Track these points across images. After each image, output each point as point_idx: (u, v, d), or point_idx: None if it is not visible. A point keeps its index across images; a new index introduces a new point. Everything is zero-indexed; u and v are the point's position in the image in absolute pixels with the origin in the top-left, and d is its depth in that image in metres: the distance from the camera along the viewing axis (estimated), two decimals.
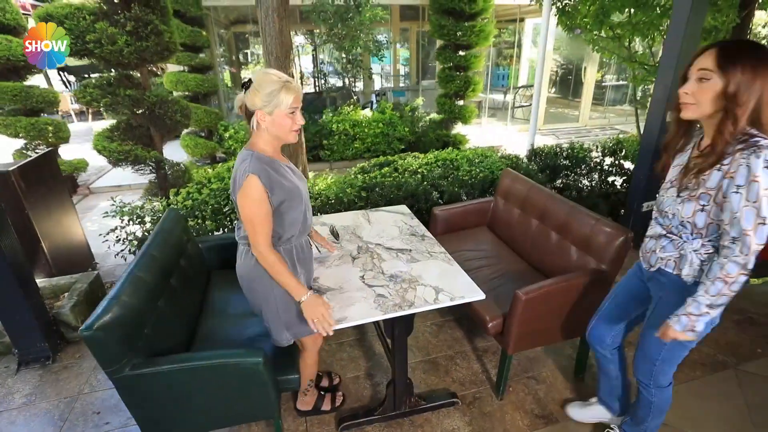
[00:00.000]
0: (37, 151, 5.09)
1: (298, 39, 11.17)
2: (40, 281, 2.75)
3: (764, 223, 1.08)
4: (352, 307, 1.58)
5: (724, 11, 3.44)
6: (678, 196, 1.27)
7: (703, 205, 1.21)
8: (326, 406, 1.97)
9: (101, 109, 3.24)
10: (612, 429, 1.82)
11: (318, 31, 7.86)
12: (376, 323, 2.26)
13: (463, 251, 2.42)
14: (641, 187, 3.32)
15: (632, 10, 3.73)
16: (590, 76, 9.17)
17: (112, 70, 3.26)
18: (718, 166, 1.15)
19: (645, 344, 1.50)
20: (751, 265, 1.13)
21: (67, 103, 10.59)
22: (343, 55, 6.67)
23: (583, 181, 4.01)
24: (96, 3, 3.06)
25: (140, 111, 3.16)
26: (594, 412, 1.89)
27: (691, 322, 1.23)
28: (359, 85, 10.01)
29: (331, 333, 1.41)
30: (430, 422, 1.93)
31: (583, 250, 2.00)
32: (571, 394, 2.06)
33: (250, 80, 1.37)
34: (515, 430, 1.88)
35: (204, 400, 1.50)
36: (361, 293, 1.66)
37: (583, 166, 4.00)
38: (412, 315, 1.86)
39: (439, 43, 6.97)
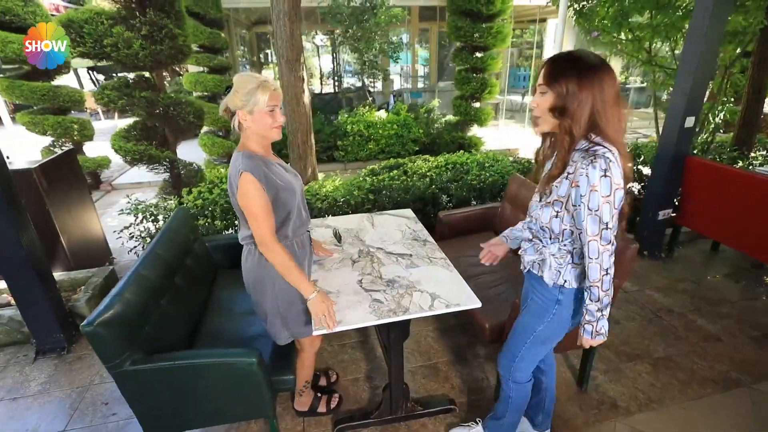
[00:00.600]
0: (63, 148, 5.30)
1: (318, 39, 11.28)
2: (59, 275, 2.86)
3: (607, 228, 1.14)
4: (347, 311, 1.59)
5: (752, 13, 3.30)
6: (539, 201, 1.33)
7: (557, 212, 1.26)
8: (322, 408, 1.99)
9: (119, 110, 3.36)
10: (476, 423, 1.83)
11: (337, 32, 7.94)
12: (376, 326, 2.27)
13: (467, 257, 2.40)
14: (657, 194, 3.23)
15: (653, 12, 3.63)
16: None
17: (129, 72, 3.38)
18: (566, 174, 1.20)
19: (509, 339, 1.56)
20: (606, 265, 1.19)
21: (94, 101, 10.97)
22: (359, 57, 6.69)
23: None
24: (114, 8, 3.17)
25: (155, 112, 3.25)
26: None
27: (594, 328, 1.29)
28: (378, 86, 10.04)
29: (333, 329, 1.45)
30: (426, 428, 1.92)
31: None
32: (572, 407, 2.02)
33: (231, 84, 1.44)
34: None
35: (200, 398, 1.54)
36: (357, 297, 1.67)
37: None
38: (408, 321, 1.87)
39: (457, 44, 6.92)
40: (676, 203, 3.36)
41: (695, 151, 3.94)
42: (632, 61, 4.40)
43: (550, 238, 1.32)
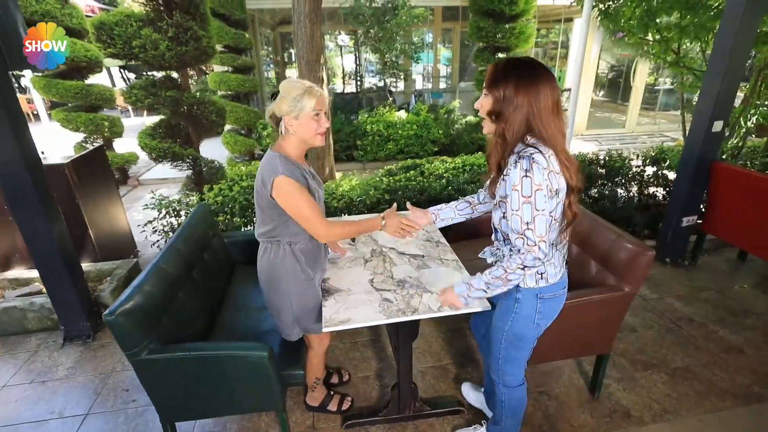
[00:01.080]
0: (95, 144, 5.53)
1: (340, 39, 11.36)
2: (86, 265, 3.00)
3: (529, 229, 1.17)
4: (357, 310, 1.62)
5: None
6: (494, 203, 1.36)
7: (504, 212, 1.29)
8: (333, 406, 2.02)
9: (146, 108, 3.49)
10: (480, 425, 1.85)
11: (360, 32, 8.00)
12: (386, 325, 2.29)
13: (480, 259, 2.39)
14: (682, 200, 3.13)
15: (682, 12, 3.52)
16: (640, 78, 8.69)
17: (155, 72, 3.51)
18: (503, 176, 1.23)
19: (488, 342, 1.60)
20: (528, 264, 1.21)
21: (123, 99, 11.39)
22: (380, 57, 6.71)
23: (620, 192, 3.84)
24: (143, 11, 3.30)
25: (179, 111, 3.37)
26: (480, 398, 2.00)
27: (468, 291, 1.36)
28: (399, 86, 10.04)
29: (413, 236, 1.67)
30: (434, 428, 1.93)
31: (602, 265, 1.93)
32: (583, 414, 1.99)
33: (278, 91, 1.49)
34: None
35: (212, 388, 1.59)
36: (368, 296, 1.69)
37: (619, 176, 3.82)
38: (417, 321, 1.88)
39: (479, 44, 6.87)
40: (702, 209, 3.26)
41: (724, 156, 3.80)
42: (660, 63, 4.27)
43: (504, 240, 1.36)
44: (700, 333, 2.52)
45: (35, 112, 10.19)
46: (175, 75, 3.59)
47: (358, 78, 8.88)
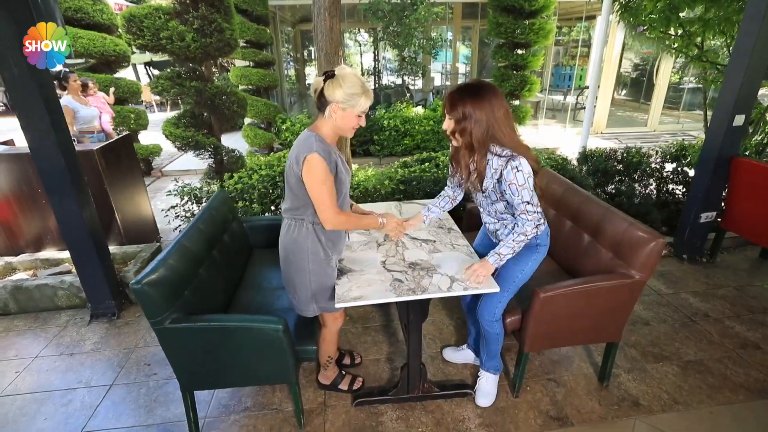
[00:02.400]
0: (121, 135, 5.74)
1: (360, 37, 11.43)
2: (112, 248, 3.13)
3: (530, 203, 1.54)
4: (368, 288, 1.67)
5: None
6: (487, 201, 1.72)
7: (505, 202, 1.66)
8: (344, 385, 2.08)
9: (170, 99, 3.62)
10: (480, 375, 2.02)
11: (378, 29, 8.05)
12: (398, 308, 2.34)
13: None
14: (701, 195, 3.09)
15: (706, 5, 3.45)
16: (663, 76, 8.50)
17: (181, 64, 3.64)
18: (490, 175, 1.57)
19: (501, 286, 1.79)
20: (538, 223, 1.59)
21: (149, 94, 11.72)
22: (398, 53, 6.75)
23: (638, 188, 3.79)
24: (171, 4, 3.43)
25: (202, 101, 3.48)
26: (463, 355, 2.26)
27: (500, 259, 1.65)
28: (418, 83, 10.05)
29: (401, 237, 1.95)
30: (442, 409, 1.97)
31: (614, 253, 1.93)
32: (591, 401, 2.00)
33: (333, 71, 1.48)
34: (526, 427, 1.87)
35: (230, 358, 1.67)
36: (379, 276, 1.75)
37: (638, 172, 3.78)
38: (427, 302, 1.92)
39: (498, 41, 6.84)
40: (722, 206, 3.20)
41: (747, 153, 3.71)
42: (683, 58, 4.18)
43: (513, 216, 1.68)
44: (715, 329, 2.49)
45: None
46: (198, 67, 3.70)
47: (376, 75, 8.94)
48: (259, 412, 1.99)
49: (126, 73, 6.67)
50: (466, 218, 2.73)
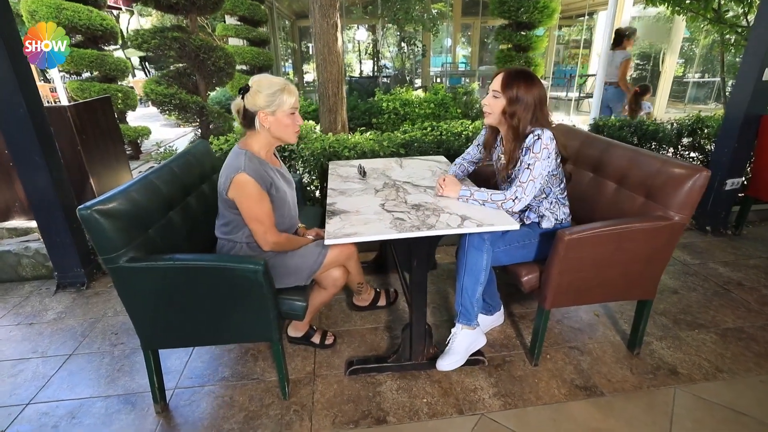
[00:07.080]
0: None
1: (360, 34, 11.24)
2: None
3: (528, 182, 1.52)
4: (365, 226, 1.42)
5: None
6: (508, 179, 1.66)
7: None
8: (316, 339, 1.89)
9: (151, 52, 3.36)
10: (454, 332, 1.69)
11: (379, 18, 7.80)
12: (401, 277, 2.07)
13: None
14: (725, 160, 2.84)
15: None
16: (669, 66, 8.29)
17: (165, 12, 3.34)
18: (519, 156, 1.57)
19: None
20: (524, 196, 1.53)
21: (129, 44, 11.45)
22: (398, 33, 6.52)
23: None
24: None
25: (186, 54, 3.22)
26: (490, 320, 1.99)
27: (468, 196, 1.59)
28: (418, 80, 9.83)
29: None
30: (450, 379, 1.70)
31: (645, 196, 1.67)
32: (621, 369, 1.74)
33: (248, 86, 1.45)
34: (548, 397, 1.61)
35: (199, 309, 1.40)
36: (378, 216, 1.50)
37: (653, 143, 3.53)
38: (434, 245, 1.67)
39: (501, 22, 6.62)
40: (748, 172, 2.96)
41: None
42: (698, 22, 3.93)
43: (545, 197, 1.67)
44: (752, 297, 2.23)
45: (57, 101, 10.32)
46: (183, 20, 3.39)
47: (376, 59, 8.67)
48: (238, 382, 1.71)
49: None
50: (472, 179, 2.47)
